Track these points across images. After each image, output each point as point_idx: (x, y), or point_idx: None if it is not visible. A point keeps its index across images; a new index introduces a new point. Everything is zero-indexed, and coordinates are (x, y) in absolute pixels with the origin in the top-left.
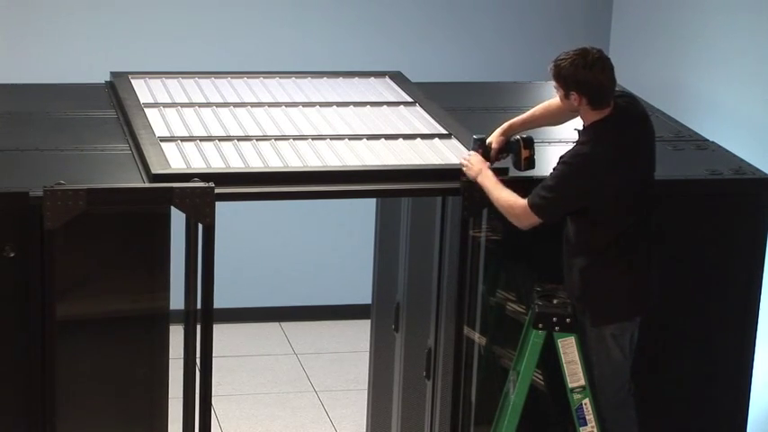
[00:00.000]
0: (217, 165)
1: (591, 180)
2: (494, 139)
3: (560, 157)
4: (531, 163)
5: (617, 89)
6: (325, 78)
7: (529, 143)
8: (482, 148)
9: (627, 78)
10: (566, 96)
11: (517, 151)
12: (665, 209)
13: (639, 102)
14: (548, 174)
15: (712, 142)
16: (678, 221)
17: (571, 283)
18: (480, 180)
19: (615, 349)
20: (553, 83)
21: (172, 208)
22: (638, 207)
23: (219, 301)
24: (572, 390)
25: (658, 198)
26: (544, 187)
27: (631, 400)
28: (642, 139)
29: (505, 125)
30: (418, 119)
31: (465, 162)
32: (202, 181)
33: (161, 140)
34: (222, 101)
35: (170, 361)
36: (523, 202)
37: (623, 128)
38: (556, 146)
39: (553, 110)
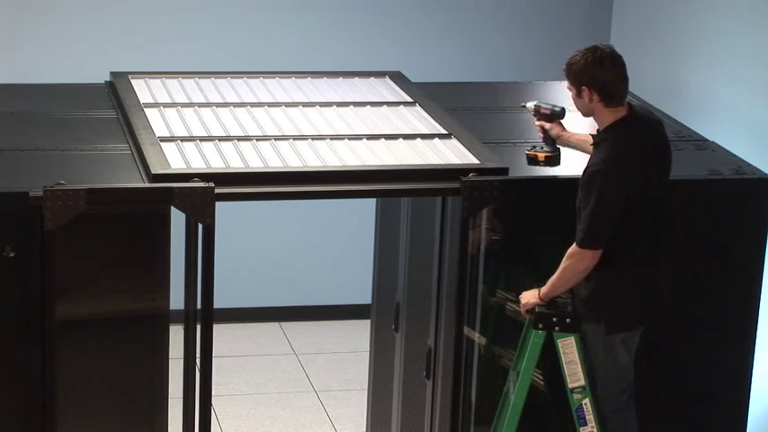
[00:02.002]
0: (217, 165)
1: (621, 181)
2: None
3: (583, 172)
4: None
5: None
6: (325, 78)
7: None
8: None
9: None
10: (578, 95)
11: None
12: (664, 209)
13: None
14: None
15: (712, 142)
16: (678, 221)
17: (582, 287)
18: (543, 297)
19: (623, 353)
20: (566, 84)
21: (172, 208)
22: (650, 211)
23: (219, 301)
24: (572, 390)
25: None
26: (581, 220)
27: (633, 403)
28: (658, 141)
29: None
30: (418, 119)
31: (522, 301)
32: (202, 181)
33: (161, 140)
34: (222, 101)
35: (170, 361)
36: (573, 250)
37: (641, 128)
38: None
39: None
